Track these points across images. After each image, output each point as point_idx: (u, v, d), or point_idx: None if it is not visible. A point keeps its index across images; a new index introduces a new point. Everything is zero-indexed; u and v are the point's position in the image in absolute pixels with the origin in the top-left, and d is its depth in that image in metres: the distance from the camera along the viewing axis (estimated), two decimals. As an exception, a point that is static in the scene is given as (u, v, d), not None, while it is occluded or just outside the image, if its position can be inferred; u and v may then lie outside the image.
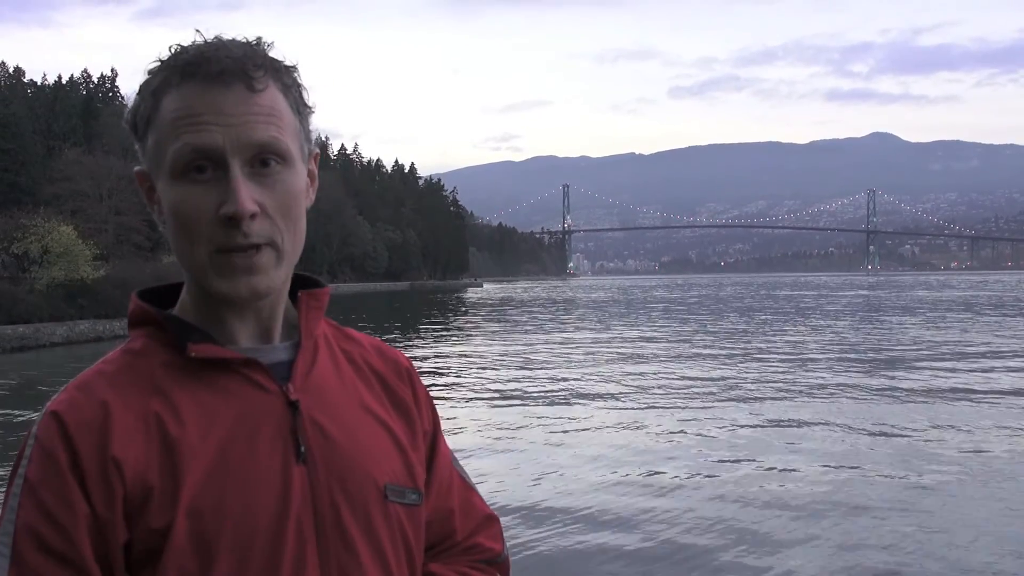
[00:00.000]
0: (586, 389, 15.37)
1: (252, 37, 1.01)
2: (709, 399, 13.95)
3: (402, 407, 1.13)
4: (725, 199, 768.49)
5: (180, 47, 0.98)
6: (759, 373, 17.29)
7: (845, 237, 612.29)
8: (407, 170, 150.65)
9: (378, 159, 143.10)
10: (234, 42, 0.99)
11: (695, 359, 20.46)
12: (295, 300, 1.09)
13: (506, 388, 15.72)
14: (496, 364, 20.10)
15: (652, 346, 24.30)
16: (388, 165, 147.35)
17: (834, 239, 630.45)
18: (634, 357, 21.12)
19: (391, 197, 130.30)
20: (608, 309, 50.96)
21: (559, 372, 18.11)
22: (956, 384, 15.28)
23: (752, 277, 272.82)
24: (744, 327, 32.29)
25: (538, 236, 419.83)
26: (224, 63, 0.95)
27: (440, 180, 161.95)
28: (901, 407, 12.88)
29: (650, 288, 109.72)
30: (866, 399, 13.71)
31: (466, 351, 23.94)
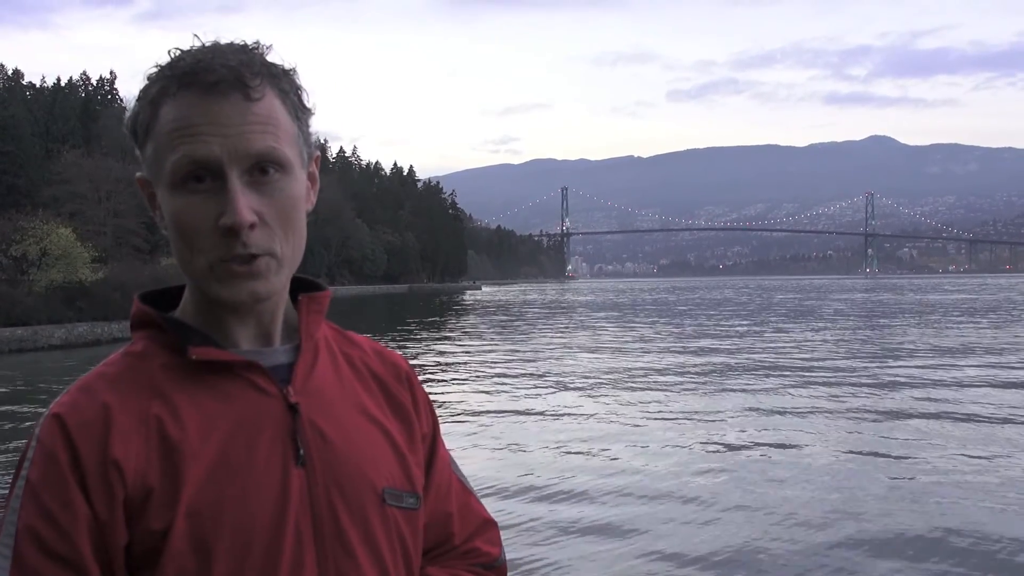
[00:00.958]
0: (586, 393, 15.35)
1: (251, 41, 1.01)
2: (716, 415, 13.93)
3: (401, 411, 1.13)
4: (724, 202, 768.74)
5: (178, 52, 0.98)
6: (758, 373, 17.29)
7: (843, 240, 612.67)
8: (406, 173, 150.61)
9: (377, 162, 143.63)
10: (231, 47, 0.98)
11: (698, 363, 20.47)
12: (296, 303, 1.09)
13: (506, 389, 15.71)
14: (496, 365, 20.07)
15: (652, 345, 24.29)
16: (387, 168, 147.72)
17: (832, 242, 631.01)
18: (634, 355, 21.11)
19: (390, 200, 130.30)
20: (608, 311, 50.98)
21: (559, 375, 18.09)
22: (952, 393, 15.30)
23: (750, 280, 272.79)
24: (744, 328, 32.32)
25: (537, 239, 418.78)
26: (220, 72, 0.95)
27: (439, 183, 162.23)
28: (897, 407, 12.88)
29: (647, 290, 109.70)
30: (865, 398, 13.73)
31: (466, 351, 23.96)
